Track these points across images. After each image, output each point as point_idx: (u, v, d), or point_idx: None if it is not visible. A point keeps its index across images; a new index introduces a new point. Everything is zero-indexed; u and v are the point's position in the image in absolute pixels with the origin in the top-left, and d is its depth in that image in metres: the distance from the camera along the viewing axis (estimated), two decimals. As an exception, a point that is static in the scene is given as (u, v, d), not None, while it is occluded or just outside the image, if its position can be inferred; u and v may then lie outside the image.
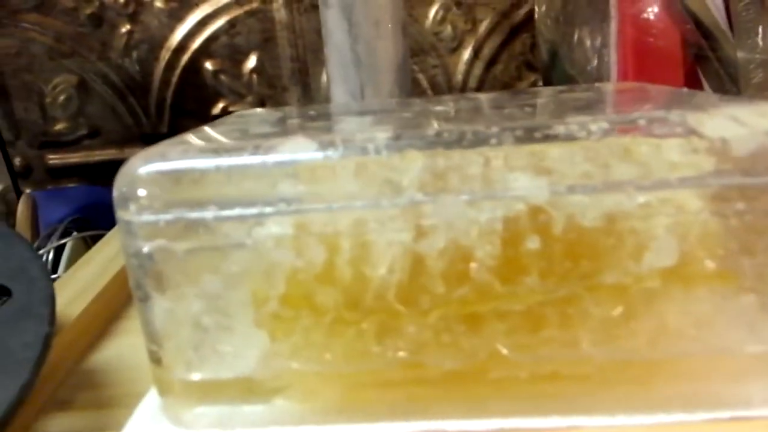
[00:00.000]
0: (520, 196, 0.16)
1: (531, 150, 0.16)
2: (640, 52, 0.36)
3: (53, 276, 0.35)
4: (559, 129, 0.16)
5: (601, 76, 0.41)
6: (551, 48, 0.47)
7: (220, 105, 0.53)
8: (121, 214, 0.17)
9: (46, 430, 0.21)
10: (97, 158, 0.56)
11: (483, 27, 0.50)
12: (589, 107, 0.20)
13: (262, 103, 0.53)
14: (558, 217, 0.16)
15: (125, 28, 0.51)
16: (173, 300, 0.17)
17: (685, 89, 0.21)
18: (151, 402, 0.19)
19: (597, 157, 0.16)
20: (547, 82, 0.49)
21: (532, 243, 0.16)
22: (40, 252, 0.34)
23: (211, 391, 0.18)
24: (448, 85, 0.52)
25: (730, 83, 0.37)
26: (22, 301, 0.20)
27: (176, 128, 0.54)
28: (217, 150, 0.17)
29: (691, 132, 0.16)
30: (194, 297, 0.17)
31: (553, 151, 0.16)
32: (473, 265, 0.16)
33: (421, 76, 0.52)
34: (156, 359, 0.18)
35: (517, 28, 0.50)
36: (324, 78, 0.52)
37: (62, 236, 0.36)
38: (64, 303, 0.26)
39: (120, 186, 0.17)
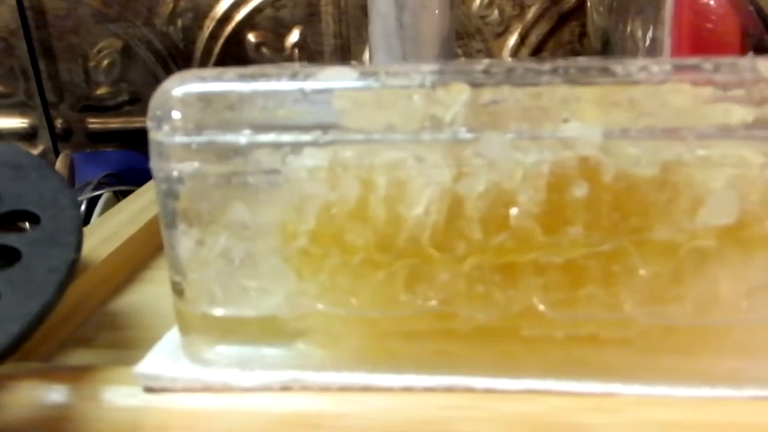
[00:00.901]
0: (571, 139, 0.15)
1: (585, 91, 0.15)
2: (696, 38, 0.34)
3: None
4: (617, 68, 0.15)
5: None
6: (603, 36, 0.45)
7: (260, 78, 0.53)
8: (153, 135, 0.16)
9: (66, 362, 0.21)
10: (136, 125, 0.56)
11: (531, 13, 0.49)
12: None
13: (301, 79, 0.53)
14: (609, 163, 0.15)
15: (172, -4, 0.51)
16: (200, 228, 0.17)
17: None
18: (170, 339, 0.19)
19: (656, 101, 0.15)
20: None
21: (580, 190, 0.15)
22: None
23: (232, 329, 0.18)
24: (490, 70, 0.51)
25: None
26: (49, 228, 0.20)
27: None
28: (254, 75, 0.16)
29: (762, 79, 0.15)
30: (222, 227, 0.17)
31: (608, 93, 0.15)
32: (514, 210, 0.15)
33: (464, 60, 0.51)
34: (179, 291, 0.18)
35: (566, 16, 0.49)
36: (366, 56, 0.52)
37: (96, 190, 0.36)
38: (92, 246, 0.26)
39: (154, 106, 0.17)
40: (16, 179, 0.22)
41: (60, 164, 0.49)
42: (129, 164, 0.55)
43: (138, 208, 0.31)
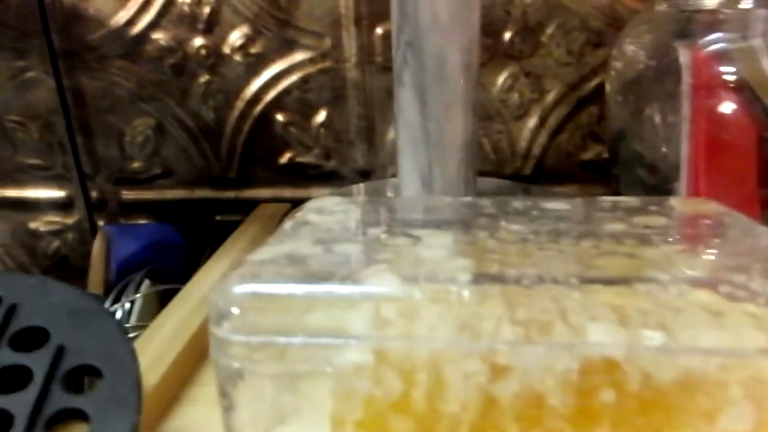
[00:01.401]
0: (597, 351, 0.17)
1: (608, 301, 0.17)
2: (713, 148, 0.36)
3: (127, 325, 0.37)
4: (638, 287, 0.17)
5: (672, 156, 0.41)
6: (619, 126, 0.47)
7: (287, 155, 0.55)
8: (214, 329, 0.18)
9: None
10: (168, 197, 0.58)
11: (550, 97, 0.51)
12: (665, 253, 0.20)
13: (327, 156, 0.55)
14: (633, 373, 0.17)
15: (204, 78, 0.54)
16: (256, 412, 0.18)
17: (762, 228, 0.21)
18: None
19: (676, 314, 0.17)
20: (613, 156, 0.49)
21: (607, 396, 0.17)
22: (116, 306, 0.36)
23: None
24: (511, 150, 0.53)
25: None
26: (111, 385, 0.21)
27: (244, 174, 0.56)
28: (307, 276, 0.18)
29: (773, 303, 0.16)
30: (276, 412, 0.18)
31: (632, 307, 0.17)
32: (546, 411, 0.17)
33: (485, 140, 0.53)
34: (235, 466, 0.19)
35: (585, 100, 0.51)
36: (390, 134, 0.54)
37: (136, 285, 0.38)
38: (143, 369, 0.28)
39: (216, 301, 0.18)
40: (77, 328, 0.23)
41: (98, 242, 0.52)
42: (161, 237, 0.57)
43: (180, 318, 0.32)
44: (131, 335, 0.37)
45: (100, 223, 0.60)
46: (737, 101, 0.35)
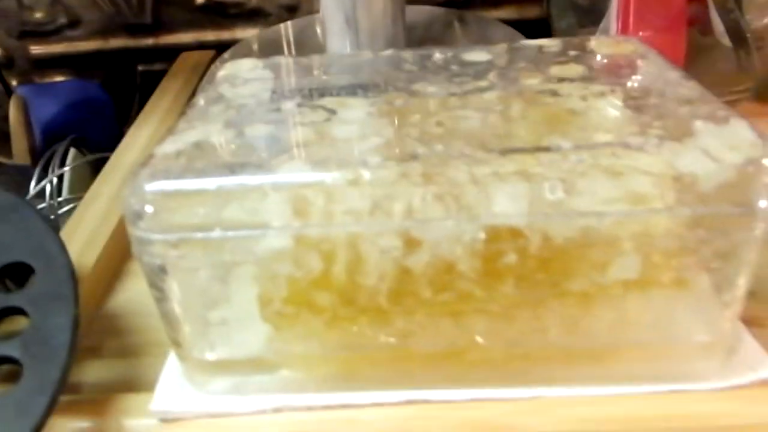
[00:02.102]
0: (501, 221, 0.17)
1: (513, 170, 0.17)
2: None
3: (59, 199, 0.37)
4: (542, 158, 0.17)
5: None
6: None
7: (204, -6, 0.51)
8: (132, 229, 0.18)
9: (81, 379, 0.24)
10: (81, 49, 0.54)
11: None
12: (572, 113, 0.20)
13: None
14: (534, 237, 0.18)
15: None
16: (185, 299, 0.19)
17: (674, 74, 0.21)
18: (173, 366, 0.22)
19: (573, 179, 0.17)
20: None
21: (510, 259, 0.18)
22: (43, 183, 0.35)
23: (224, 366, 0.21)
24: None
25: (734, 2, 0.36)
26: (45, 280, 0.22)
27: (160, 18, 0.52)
28: (219, 168, 0.18)
29: (666, 164, 0.17)
30: (204, 297, 0.19)
31: (532, 174, 0.17)
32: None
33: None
34: (175, 342, 0.21)
35: None
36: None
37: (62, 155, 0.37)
38: (77, 252, 0.28)
39: (130, 201, 0.18)
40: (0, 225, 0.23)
41: (13, 109, 0.49)
42: (82, 95, 0.54)
43: (111, 193, 0.32)
44: (66, 209, 0.36)
45: (14, 83, 0.56)
46: None
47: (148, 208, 0.18)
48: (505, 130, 0.19)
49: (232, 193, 0.18)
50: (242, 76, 0.25)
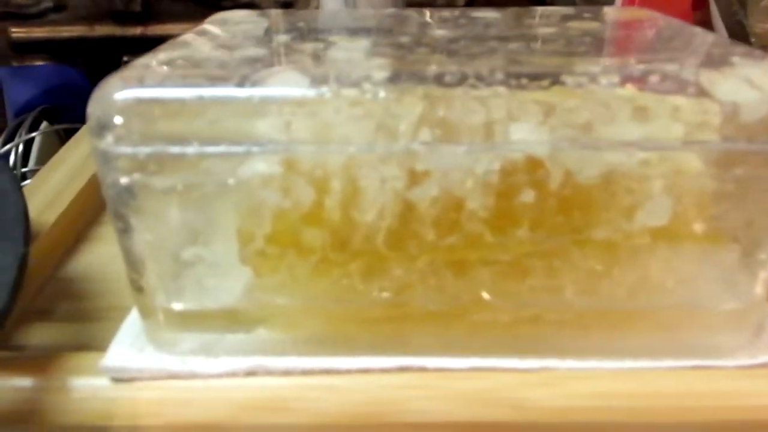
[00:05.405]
0: (519, 149, 0.15)
1: (534, 99, 0.16)
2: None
3: (24, 169, 0.34)
4: (567, 79, 0.15)
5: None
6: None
7: (197, -16, 0.50)
8: (96, 141, 0.16)
9: (27, 342, 0.22)
10: (64, 34, 0.52)
11: None
12: (599, 47, 0.18)
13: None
14: (555, 171, 0.16)
15: None
16: (154, 232, 0.17)
17: (696, 29, 0.20)
18: (132, 324, 0.19)
19: (602, 110, 0.15)
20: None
21: (527, 196, 0.16)
22: (8, 146, 0.32)
23: (193, 320, 0.18)
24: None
25: (738, 5, 0.35)
26: (-6, 216, 0.19)
27: (149, 7, 0.51)
28: (201, 78, 0.16)
29: (704, 93, 0.15)
30: (176, 230, 0.17)
31: (556, 102, 0.15)
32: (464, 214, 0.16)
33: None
34: (137, 287, 0.18)
35: None
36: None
37: (32, 126, 0.34)
38: (38, 209, 0.26)
39: (95, 111, 0.16)
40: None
41: (-14, 86, 0.46)
42: (61, 80, 0.52)
43: (80, 157, 0.30)
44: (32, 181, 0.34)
45: (-10, 66, 0.53)
46: None
47: (117, 119, 0.16)
48: (525, 59, 0.17)
49: (214, 105, 0.16)
50: (234, 19, 0.23)
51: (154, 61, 0.17)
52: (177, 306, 0.18)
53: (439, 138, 0.15)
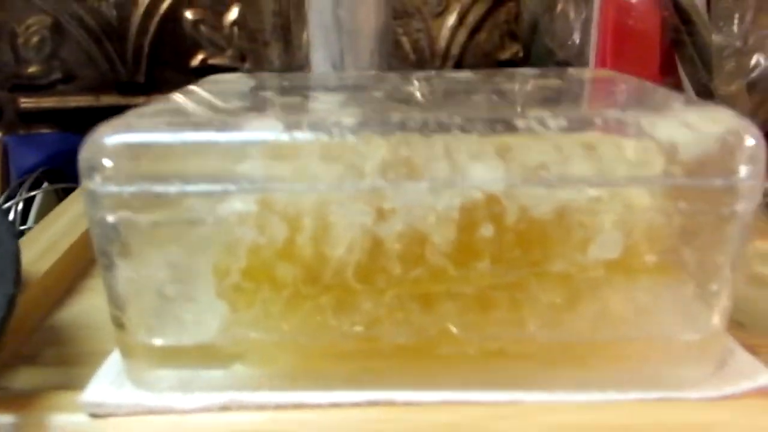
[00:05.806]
0: (478, 186, 0.17)
1: (491, 141, 0.17)
2: (619, 34, 0.36)
3: (22, 227, 0.35)
4: (519, 123, 0.17)
5: (581, 51, 0.42)
6: (533, 19, 0.47)
7: (199, 57, 0.53)
8: (86, 182, 0.17)
9: (11, 385, 0.22)
10: (71, 104, 0.55)
11: (468, -7, 0.50)
12: (556, 99, 0.20)
13: (242, 58, 0.52)
14: (511, 207, 0.17)
15: (101, -29, 0.50)
16: (136, 269, 0.18)
17: (658, 87, 0.22)
18: (113, 363, 0.20)
19: (552, 151, 0.17)
20: (527, 54, 0.49)
21: (486, 231, 0.17)
22: (9, 204, 0.34)
23: (172, 356, 0.19)
24: (431, 50, 0.52)
25: (704, 69, 0.38)
26: (-13, 259, 0.20)
27: (153, 78, 0.53)
28: (184, 124, 0.17)
29: (643, 134, 0.16)
30: (157, 267, 0.18)
31: (512, 144, 0.17)
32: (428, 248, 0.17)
33: (404, 39, 0.51)
34: (119, 324, 0.19)
35: (503, -2, 0.50)
36: (306, 35, 0.51)
37: (33, 187, 0.36)
38: (31, 259, 0.27)
39: (85, 155, 0.17)
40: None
41: (-7, 151, 0.48)
42: (65, 147, 0.54)
43: (76, 213, 0.31)
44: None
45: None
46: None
47: (105, 161, 0.17)
48: (487, 107, 0.19)
49: (196, 149, 0.17)
50: (222, 80, 0.25)
51: (141, 111, 0.19)
52: (156, 341, 0.19)
53: (403, 177, 0.17)
